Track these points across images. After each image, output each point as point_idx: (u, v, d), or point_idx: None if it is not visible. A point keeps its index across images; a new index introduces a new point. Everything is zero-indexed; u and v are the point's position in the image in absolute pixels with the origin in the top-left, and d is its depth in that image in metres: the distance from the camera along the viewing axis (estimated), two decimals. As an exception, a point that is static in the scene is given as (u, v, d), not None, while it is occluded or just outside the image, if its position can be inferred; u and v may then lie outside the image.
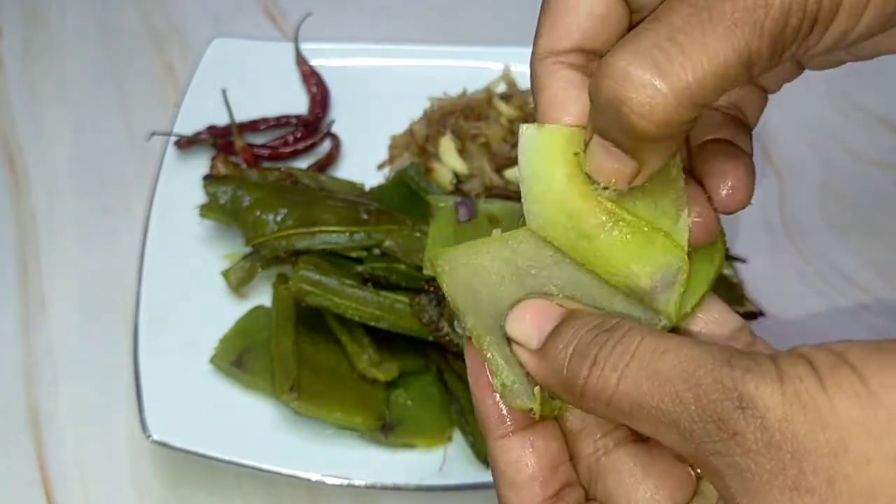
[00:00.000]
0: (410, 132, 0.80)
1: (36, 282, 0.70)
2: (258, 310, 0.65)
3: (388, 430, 0.60)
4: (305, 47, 0.83)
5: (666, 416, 0.25)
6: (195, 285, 0.67)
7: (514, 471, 0.31)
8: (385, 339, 0.62)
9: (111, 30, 0.91)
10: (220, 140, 0.75)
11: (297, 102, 0.81)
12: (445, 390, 0.62)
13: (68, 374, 0.65)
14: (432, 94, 0.82)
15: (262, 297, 0.67)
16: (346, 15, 0.93)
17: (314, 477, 0.57)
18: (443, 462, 0.59)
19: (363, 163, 0.78)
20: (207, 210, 0.67)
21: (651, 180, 0.31)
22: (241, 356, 0.62)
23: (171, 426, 0.58)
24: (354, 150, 0.79)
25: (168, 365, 0.61)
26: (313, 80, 0.82)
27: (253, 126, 0.78)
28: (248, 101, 0.78)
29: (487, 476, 0.50)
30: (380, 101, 0.82)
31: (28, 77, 0.86)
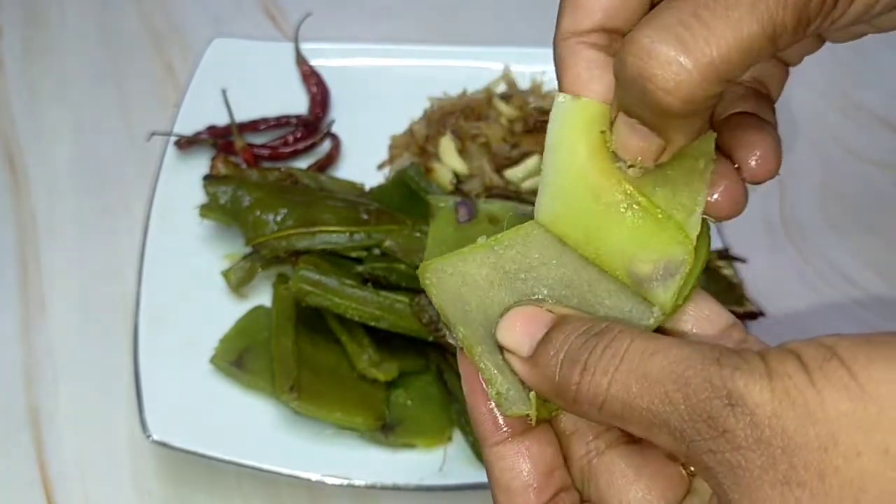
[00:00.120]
0: (410, 132, 0.80)
1: (36, 282, 0.70)
2: (258, 310, 0.66)
3: (388, 430, 0.60)
4: (305, 47, 0.83)
5: (657, 416, 0.25)
6: (195, 285, 0.67)
7: (509, 477, 0.31)
8: (385, 339, 0.62)
9: (111, 30, 0.91)
10: (220, 140, 0.75)
11: (297, 102, 0.81)
12: (445, 390, 0.62)
13: (68, 374, 0.65)
14: (432, 94, 0.82)
15: (262, 297, 0.67)
16: (346, 15, 0.93)
17: (314, 477, 0.57)
18: (443, 462, 0.59)
19: (363, 163, 0.78)
20: (207, 210, 0.67)
21: (677, 168, 0.31)
22: (241, 356, 0.62)
23: (171, 426, 0.58)
24: (354, 150, 0.79)
25: (168, 365, 0.61)
26: (313, 80, 0.82)
27: (253, 126, 0.78)
28: (248, 101, 0.78)
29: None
30: (380, 101, 0.82)
31: (28, 77, 0.86)
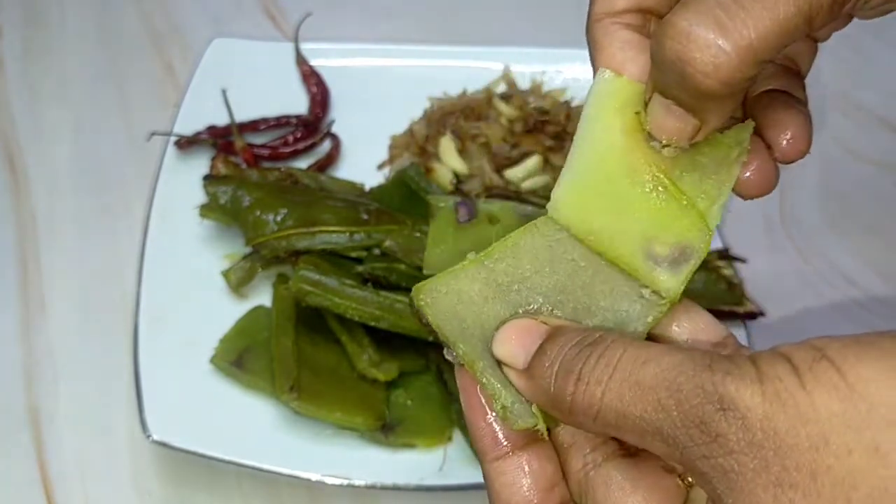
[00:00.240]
0: (410, 132, 0.80)
1: (36, 282, 0.70)
2: (258, 310, 0.65)
3: (388, 430, 0.60)
4: (305, 47, 0.83)
5: (650, 424, 0.25)
6: (195, 285, 0.67)
7: (509, 493, 0.31)
8: (385, 339, 0.62)
9: (111, 30, 0.91)
10: (220, 140, 0.75)
11: (297, 102, 0.81)
12: (445, 390, 0.62)
13: (68, 374, 0.65)
14: (432, 94, 0.82)
15: (262, 297, 0.67)
16: (346, 15, 0.93)
17: (314, 477, 0.57)
18: (443, 462, 0.59)
19: (363, 163, 0.78)
20: (207, 210, 0.67)
21: (709, 154, 0.31)
22: (241, 356, 0.62)
23: (171, 426, 0.58)
24: (354, 150, 0.79)
25: (168, 365, 0.61)
26: (313, 80, 0.82)
27: (253, 126, 0.78)
28: (248, 101, 0.78)
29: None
30: (380, 101, 0.82)
31: (28, 77, 0.86)
